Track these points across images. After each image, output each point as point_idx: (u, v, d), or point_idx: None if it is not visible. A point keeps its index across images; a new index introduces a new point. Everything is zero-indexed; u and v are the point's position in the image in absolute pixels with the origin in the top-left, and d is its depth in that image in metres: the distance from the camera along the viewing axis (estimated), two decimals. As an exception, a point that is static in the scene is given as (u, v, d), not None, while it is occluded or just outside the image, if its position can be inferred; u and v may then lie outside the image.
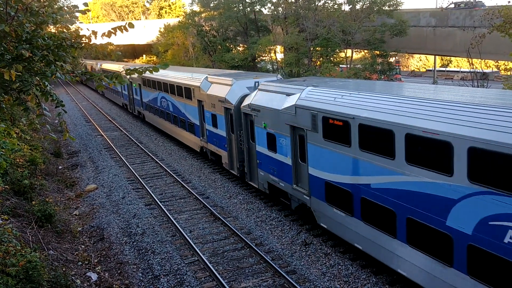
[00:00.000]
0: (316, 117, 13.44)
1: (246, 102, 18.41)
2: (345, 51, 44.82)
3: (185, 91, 25.70)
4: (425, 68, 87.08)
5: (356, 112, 11.88)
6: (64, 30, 8.65)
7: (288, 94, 15.38)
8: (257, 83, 19.64)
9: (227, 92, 20.21)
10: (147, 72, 9.14)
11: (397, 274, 11.89)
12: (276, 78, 20.87)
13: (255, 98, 17.59)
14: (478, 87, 27.60)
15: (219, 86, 21.55)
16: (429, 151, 9.72)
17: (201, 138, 24.44)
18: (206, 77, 23.37)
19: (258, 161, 17.93)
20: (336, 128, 12.69)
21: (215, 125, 22.15)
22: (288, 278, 12.24)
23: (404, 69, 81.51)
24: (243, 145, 19.35)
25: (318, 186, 13.91)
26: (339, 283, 12.24)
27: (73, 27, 9.72)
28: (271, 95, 16.52)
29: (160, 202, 18.99)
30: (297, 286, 11.83)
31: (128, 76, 10.68)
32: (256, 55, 51.95)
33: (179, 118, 27.78)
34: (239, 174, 20.40)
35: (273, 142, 16.38)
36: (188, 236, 15.52)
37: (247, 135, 18.99)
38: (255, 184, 18.90)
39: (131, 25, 8.12)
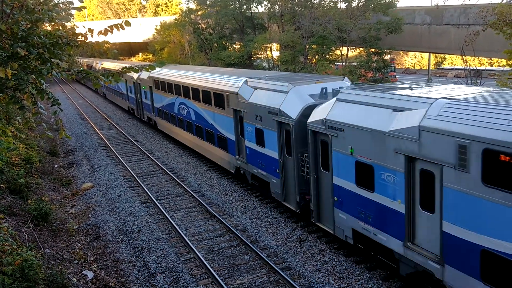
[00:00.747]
0: (469, 148, 8.77)
1: (316, 116, 13.62)
2: (341, 48, 44.93)
3: (214, 98, 21.22)
4: (419, 65, 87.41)
5: None
6: (60, 28, 8.69)
7: (400, 110, 10.71)
8: (324, 90, 15.20)
9: (281, 102, 15.50)
10: (161, 73, 9.28)
11: (391, 269, 12.01)
12: (346, 82, 16.80)
13: (334, 112, 12.80)
14: (471, 84, 27.76)
15: (268, 93, 16.86)
16: None
17: (237, 156, 19.74)
18: (246, 80, 18.74)
19: (335, 198, 13.07)
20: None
21: (260, 142, 17.30)
22: (283, 275, 12.34)
23: (399, 67, 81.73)
24: (308, 173, 14.49)
25: (463, 253, 9.27)
26: (333, 279, 12.35)
27: (68, 25, 9.72)
28: (363, 109, 11.86)
29: (156, 200, 19.05)
30: (292, 282, 11.93)
31: (135, 77, 11.00)
32: (252, 53, 51.98)
33: (204, 129, 23.19)
34: (299, 210, 15.55)
35: (369, 176, 11.61)
36: (184, 233, 15.60)
37: (317, 161, 14.04)
38: (328, 227, 14.04)
39: (127, 23, 8.13)
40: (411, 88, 12.11)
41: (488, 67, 64.18)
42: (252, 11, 53.14)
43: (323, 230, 14.61)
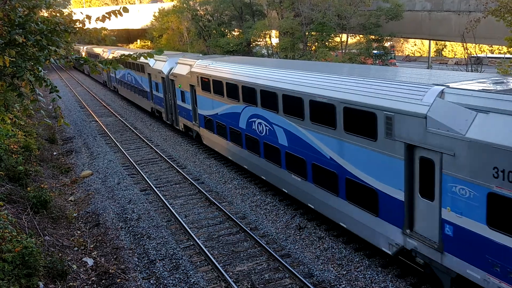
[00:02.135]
0: None
1: None
2: (341, 35, 44.67)
3: (356, 121, 11.77)
4: (420, 53, 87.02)
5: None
6: (57, 15, 8.60)
7: None
8: None
9: None
10: (213, 68, 9.37)
11: (389, 257, 12.06)
12: None
13: None
14: (472, 71, 27.65)
15: None
16: None
17: (428, 241, 11.26)
18: (442, 90, 9.69)
19: None
20: None
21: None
22: (283, 262, 12.39)
23: (399, 54, 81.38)
24: None
25: None
26: (332, 266, 12.40)
27: (66, 11, 9.63)
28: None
29: (156, 187, 19.06)
30: (291, 269, 11.98)
31: (165, 71, 14.68)
32: (251, 40, 51.68)
33: (314, 165, 14.00)
34: None
35: None
36: (183, 221, 15.63)
37: None
38: None
39: (125, 10, 8.05)
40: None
41: (486, 54, 63.80)
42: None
43: (321, 217, 14.65)
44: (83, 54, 61.41)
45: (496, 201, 8.58)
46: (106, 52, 48.07)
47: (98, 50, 56.58)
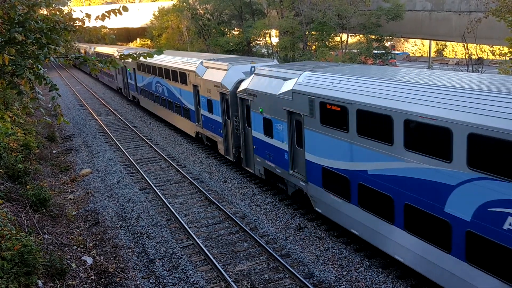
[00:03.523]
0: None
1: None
2: (341, 35, 44.60)
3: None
4: (420, 53, 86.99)
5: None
6: (57, 13, 8.56)
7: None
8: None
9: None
10: (364, 88, 11.60)
11: (390, 258, 12.03)
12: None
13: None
14: (473, 72, 27.62)
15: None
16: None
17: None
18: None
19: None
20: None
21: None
22: (282, 262, 12.36)
23: (400, 51, 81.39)
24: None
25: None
26: (333, 266, 12.37)
27: (65, 9, 9.61)
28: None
29: (155, 186, 19.02)
30: (291, 269, 11.95)
31: (235, 88, 15.55)
32: (251, 39, 51.60)
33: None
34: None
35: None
36: (183, 220, 15.59)
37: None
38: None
39: (125, 9, 8.04)
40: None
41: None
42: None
43: (322, 217, 14.65)
44: (91, 54, 54.75)
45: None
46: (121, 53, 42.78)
47: (109, 50, 48.63)
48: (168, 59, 27.85)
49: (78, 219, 16.53)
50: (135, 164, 22.17)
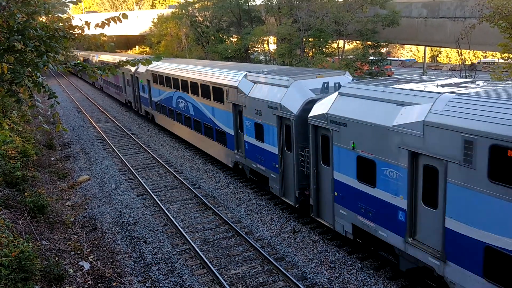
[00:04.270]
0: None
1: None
2: (337, 42, 44.95)
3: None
4: (415, 59, 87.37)
5: None
6: (56, 21, 8.74)
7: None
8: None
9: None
10: None
11: (382, 259, 12.22)
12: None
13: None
14: (466, 77, 27.89)
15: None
16: None
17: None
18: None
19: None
20: None
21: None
22: (277, 265, 12.54)
23: (395, 57, 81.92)
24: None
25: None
26: (326, 269, 12.56)
27: (64, 16, 9.79)
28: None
29: (152, 192, 19.21)
30: (286, 272, 12.13)
31: (324, 116, 12.16)
32: (249, 46, 51.95)
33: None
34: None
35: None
36: (179, 225, 15.77)
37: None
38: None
39: (124, 16, 8.11)
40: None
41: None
42: (249, 3, 53.03)
43: (316, 221, 14.81)
44: (95, 63, 49.55)
45: None
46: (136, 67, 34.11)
47: (113, 59, 44.36)
48: (195, 70, 23.73)
49: (75, 225, 16.70)
50: (133, 171, 22.37)
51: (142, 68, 32.75)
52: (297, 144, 14.73)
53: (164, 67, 28.40)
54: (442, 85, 11.12)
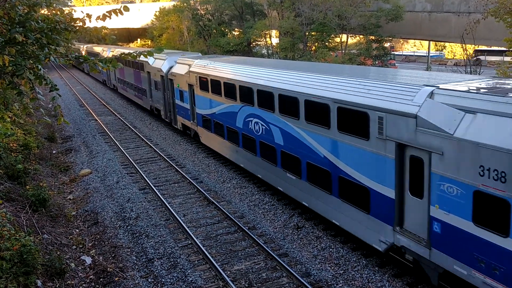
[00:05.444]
0: None
1: None
2: (341, 36, 44.73)
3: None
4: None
5: None
6: (58, 13, 8.63)
7: None
8: None
9: None
10: None
11: (387, 256, 12.11)
12: None
13: None
14: (471, 73, 27.69)
15: None
16: None
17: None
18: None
19: None
20: None
21: None
22: (280, 261, 12.43)
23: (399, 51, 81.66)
24: None
25: None
26: (330, 265, 12.45)
27: (66, 9, 9.66)
28: None
29: (154, 186, 19.10)
30: (289, 268, 12.02)
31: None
32: (252, 40, 51.73)
33: None
34: None
35: None
36: (181, 220, 15.67)
37: None
38: None
39: (126, 9, 8.06)
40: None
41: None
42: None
43: (319, 216, 14.68)
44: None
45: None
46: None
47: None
48: (289, 78, 15.60)
49: (77, 219, 16.61)
50: (135, 164, 22.26)
51: (180, 68, 25.61)
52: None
53: (221, 69, 20.73)
54: None
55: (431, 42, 57.22)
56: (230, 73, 19.60)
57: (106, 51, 44.86)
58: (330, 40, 44.57)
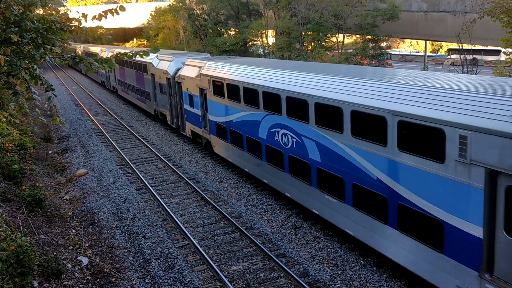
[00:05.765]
0: None
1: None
2: (337, 35, 44.76)
3: None
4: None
5: None
6: (53, 13, 8.58)
7: None
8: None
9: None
10: None
11: (385, 257, 12.08)
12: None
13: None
14: (468, 72, 27.74)
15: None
16: None
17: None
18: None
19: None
20: None
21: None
22: (278, 261, 12.40)
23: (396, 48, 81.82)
24: None
25: None
26: (327, 265, 12.43)
27: (61, 9, 9.62)
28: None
29: (151, 186, 19.03)
30: (287, 268, 12.00)
31: None
32: (248, 40, 51.68)
33: None
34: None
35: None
36: (178, 220, 15.61)
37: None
38: None
39: (122, 8, 8.03)
40: None
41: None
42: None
43: (317, 216, 14.68)
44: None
45: None
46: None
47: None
48: (330, 84, 13.29)
49: (73, 220, 16.52)
50: (131, 165, 22.17)
51: (189, 71, 23.79)
52: None
53: (240, 72, 18.78)
54: None
55: (427, 41, 57.31)
56: (251, 77, 17.48)
57: (105, 52, 43.35)
58: (326, 40, 44.57)
